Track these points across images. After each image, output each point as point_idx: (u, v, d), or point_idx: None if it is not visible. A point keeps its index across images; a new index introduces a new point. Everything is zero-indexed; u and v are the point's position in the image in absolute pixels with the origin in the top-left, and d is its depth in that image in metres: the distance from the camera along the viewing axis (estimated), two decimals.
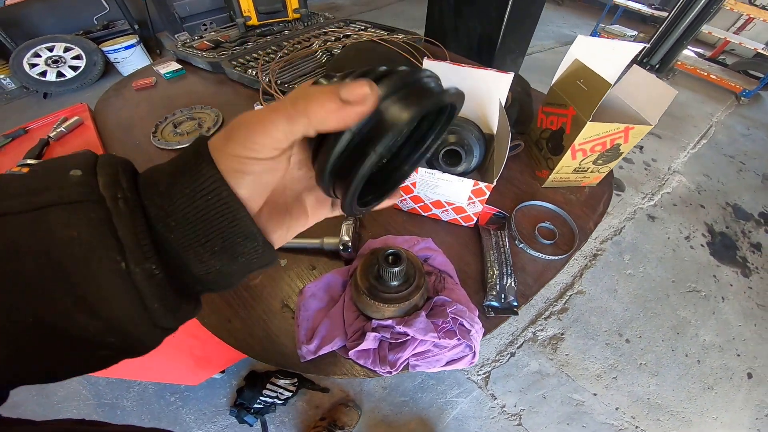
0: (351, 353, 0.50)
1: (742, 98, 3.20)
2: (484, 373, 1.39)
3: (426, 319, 0.50)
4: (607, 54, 0.72)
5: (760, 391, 1.43)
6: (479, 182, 0.56)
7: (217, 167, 0.19)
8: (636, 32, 3.86)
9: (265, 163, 0.20)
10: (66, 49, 2.71)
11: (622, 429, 1.30)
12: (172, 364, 1.02)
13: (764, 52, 3.11)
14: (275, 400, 1.23)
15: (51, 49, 2.67)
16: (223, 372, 1.31)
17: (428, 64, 0.65)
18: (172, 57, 1.26)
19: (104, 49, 2.80)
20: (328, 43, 1.21)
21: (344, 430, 1.20)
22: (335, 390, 1.32)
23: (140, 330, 0.20)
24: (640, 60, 3.58)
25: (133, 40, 2.88)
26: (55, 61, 2.69)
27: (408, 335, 0.50)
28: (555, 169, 0.73)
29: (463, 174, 0.57)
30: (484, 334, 0.55)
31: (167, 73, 1.18)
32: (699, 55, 3.89)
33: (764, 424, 1.35)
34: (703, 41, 4.31)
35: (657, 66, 3.47)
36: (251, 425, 1.22)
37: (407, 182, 0.61)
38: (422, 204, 0.65)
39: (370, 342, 0.49)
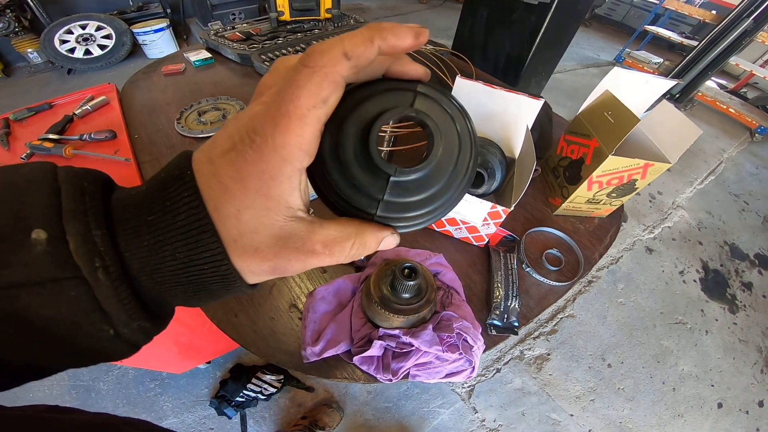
0: (356, 359, 0.52)
1: (756, 135, 3.19)
2: (468, 387, 1.43)
3: (432, 332, 0.53)
4: (638, 87, 0.74)
5: (728, 421, 1.48)
6: (497, 206, 0.58)
7: (218, 236, 0.17)
8: (661, 60, 3.84)
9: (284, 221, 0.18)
10: (98, 28, 2.74)
11: None
12: (155, 351, 1.00)
13: None
14: (258, 395, 1.25)
15: (84, 27, 2.70)
16: (208, 363, 1.32)
17: (460, 82, 0.67)
18: (202, 45, 1.28)
19: (134, 30, 2.84)
20: None
21: (324, 431, 1.21)
22: (320, 390, 1.35)
23: (116, 353, 0.19)
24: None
25: (164, 23, 2.91)
26: (86, 39, 2.72)
27: (413, 346, 0.53)
28: (569, 198, 0.75)
29: (482, 195, 0.60)
30: (484, 351, 0.58)
31: (197, 61, 1.19)
32: (721, 86, 3.85)
33: None
34: (728, 72, 4.28)
35: (678, 95, 3.41)
36: (230, 418, 1.23)
37: None
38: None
39: (376, 349, 0.52)
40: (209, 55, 1.22)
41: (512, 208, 0.58)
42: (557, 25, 1.60)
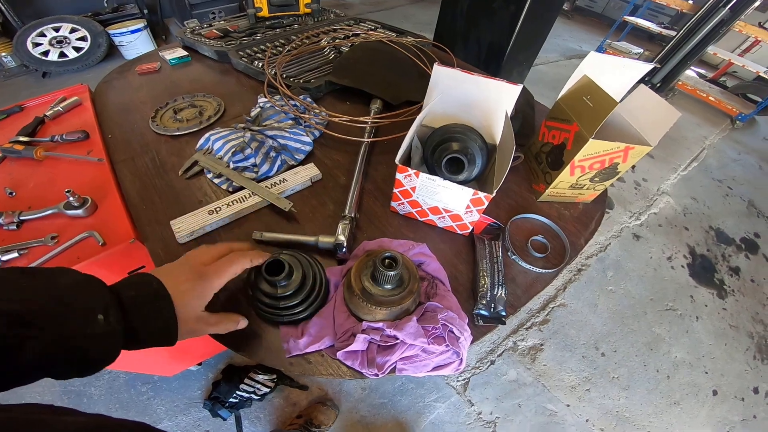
0: (339, 354, 0.51)
1: (737, 122, 3.26)
2: (463, 380, 1.42)
3: (417, 324, 0.51)
4: (616, 72, 0.74)
5: (723, 408, 1.49)
6: (479, 192, 0.57)
7: (177, 321, 0.40)
8: (642, 50, 3.91)
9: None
10: (72, 30, 2.68)
11: None
12: (145, 354, 0.98)
13: (765, 76, 3.15)
14: (252, 395, 1.23)
15: (57, 30, 2.64)
16: (200, 364, 1.30)
17: (438, 69, 0.66)
18: (178, 43, 1.25)
19: (110, 32, 2.77)
20: (337, 40, 1.21)
21: (320, 429, 1.20)
22: (314, 388, 1.33)
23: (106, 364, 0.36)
24: (642, 78, 3.63)
25: (140, 24, 2.85)
26: (59, 42, 2.65)
27: (397, 339, 0.51)
28: (552, 184, 0.74)
29: (463, 182, 0.58)
30: (472, 342, 0.56)
31: (173, 59, 1.16)
32: (701, 75, 3.94)
33: None
34: (707, 62, 4.37)
35: (659, 84, 3.50)
36: (225, 419, 1.22)
37: (407, 186, 0.62)
38: (419, 209, 0.66)
39: (359, 344, 0.50)
40: (185, 53, 1.19)
41: (494, 194, 0.56)
42: (536, 15, 1.60)
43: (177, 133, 0.87)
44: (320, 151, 0.84)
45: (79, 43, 2.71)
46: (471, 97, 0.66)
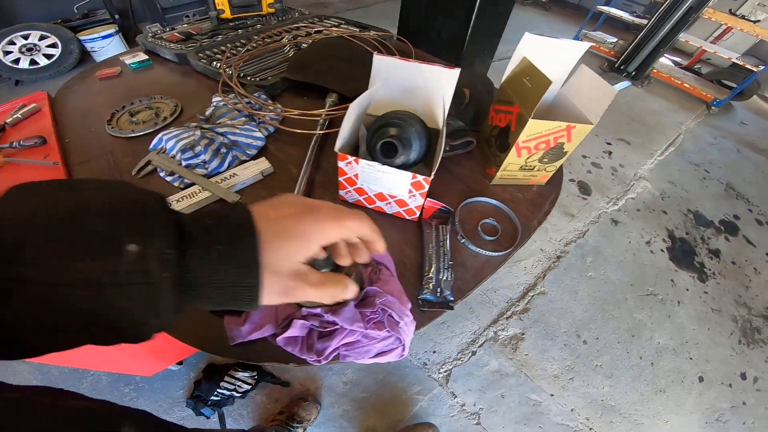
0: (279, 339, 0.50)
1: (713, 107, 3.31)
2: (445, 371, 1.42)
3: (354, 308, 0.51)
4: (554, 53, 0.75)
5: (710, 395, 1.48)
6: (417, 175, 0.57)
7: (261, 268, 0.25)
8: (616, 39, 3.94)
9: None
10: (41, 38, 2.64)
11: (576, 430, 1.34)
12: (124, 354, 1.00)
13: (739, 62, 3.18)
14: (233, 392, 1.23)
15: (26, 37, 2.60)
16: (180, 363, 1.30)
17: (378, 59, 0.66)
18: (141, 48, 1.25)
19: (82, 38, 2.73)
20: (299, 38, 1.21)
21: (302, 425, 1.20)
22: (296, 384, 1.32)
23: (143, 338, 0.24)
24: (618, 67, 3.68)
25: (112, 29, 2.82)
26: (29, 49, 2.61)
27: (337, 324, 0.51)
28: (502, 167, 0.75)
29: (403, 167, 0.59)
30: (419, 328, 0.56)
31: (132, 63, 1.16)
32: (676, 63, 4.01)
33: (713, 428, 1.40)
34: (681, 50, 4.43)
35: (633, 73, 3.56)
36: (208, 417, 1.22)
37: (350, 174, 0.63)
38: (366, 196, 0.67)
39: (296, 329, 0.50)
40: (146, 57, 1.19)
41: (432, 176, 0.57)
42: (492, 2, 1.60)
43: (132, 135, 0.87)
44: (274, 146, 0.84)
45: (50, 50, 2.68)
46: (412, 84, 0.67)
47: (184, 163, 0.74)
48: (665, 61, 3.78)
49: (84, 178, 0.25)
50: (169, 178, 0.75)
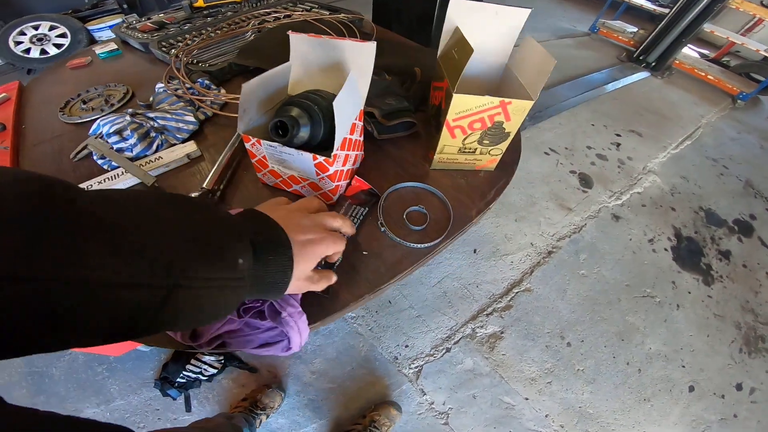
0: None
1: (738, 101, 3.10)
2: (416, 367, 1.38)
3: None
4: (492, 21, 0.69)
5: (699, 406, 1.39)
6: (318, 156, 0.54)
7: (293, 272, 0.38)
8: (636, 29, 3.75)
9: None
10: (51, 28, 2.74)
11: None
12: None
13: None
14: (199, 376, 1.24)
15: (36, 28, 2.70)
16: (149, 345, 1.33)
17: (293, 37, 0.63)
18: (117, 39, 1.27)
19: (90, 27, 2.83)
20: (265, 23, 1.19)
21: (265, 412, 1.20)
22: (263, 371, 1.32)
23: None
24: (636, 57, 3.50)
25: (119, 19, 2.91)
26: (40, 39, 2.72)
27: None
28: (437, 149, 0.70)
29: (305, 148, 0.56)
30: (314, 323, 0.53)
31: (102, 53, 1.18)
32: (702, 55, 3.78)
33: None
34: (709, 42, 4.18)
35: (653, 64, 3.40)
36: (174, 399, 1.24)
37: (258, 156, 0.60)
38: (282, 179, 0.64)
39: None
40: (116, 46, 1.20)
41: (332, 157, 0.54)
42: None
43: (80, 121, 0.88)
44: (211, 130, 0.83)
45: (59, 40, 2.78)
46: (329, 62, 0.63)
47: (115, 147, 0.74)
48: (689, 52, 3.56)
49: (182, 196, 0.34)
50: (100, 162, 0.75)
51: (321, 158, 0.54)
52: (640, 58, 3.47)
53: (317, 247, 0.41)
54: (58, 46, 2.77)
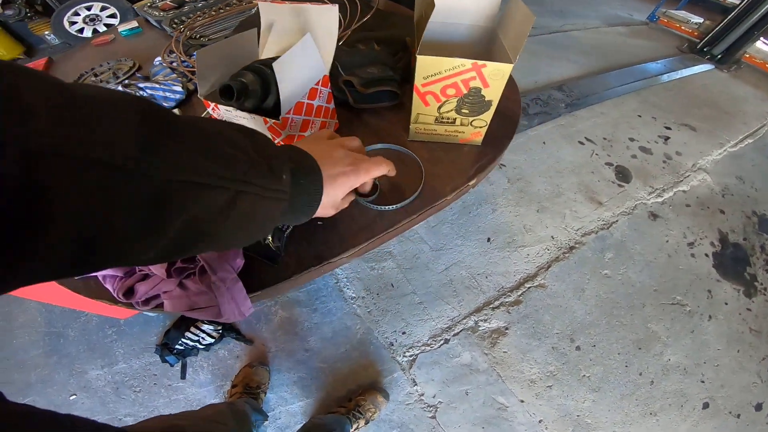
0: (98, 274, 0.51)
1: None
2: (411, 356, 1.35)
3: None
4: None
5: (710, 424, 1.26)
6: (269, 119, 0.54)
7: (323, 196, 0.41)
8: (702, 19, 3.40)
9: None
10: (102, 8, 2.94)
11: None
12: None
13: None
14: (197, 344, 1.29)
15: (89, 8, 2.91)
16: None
17: (262, 5, 0.62)
18: (141, 18, 1.34)
19: (136, 8, 3.01)
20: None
21: (261, 389, 1.22)
22: (258, 343, 1.35)
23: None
24: (700, 49, 3.18)
25: None
26: (92, 19, 2.94)
27: (152, 271, 0.50)
28: (412, 118, 0.66)
29: (267, 113, 0.55)
30: (254, 292, 0.52)
31: (123, 31, 1.25)
32: None
33: None
34: None
35: (719, 56, 3.12)
36: (172, 365, 1.29)
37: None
38: None
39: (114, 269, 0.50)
40: (136, 24, 1.27)
41: (280, 120, 0.53)
42: None
43: None
44: (198, 100, 0.85)
45: (110, 20, 3.00)
46: (298, 27, 0.62)
47: None
48: (762, 46, 3.18)
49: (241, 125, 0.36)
50: None
51: (271, 121, 0.54)
52: (704, 49, 3.15)
53: (350, 179, 0.44)
54: (108, 26, 2.99)
